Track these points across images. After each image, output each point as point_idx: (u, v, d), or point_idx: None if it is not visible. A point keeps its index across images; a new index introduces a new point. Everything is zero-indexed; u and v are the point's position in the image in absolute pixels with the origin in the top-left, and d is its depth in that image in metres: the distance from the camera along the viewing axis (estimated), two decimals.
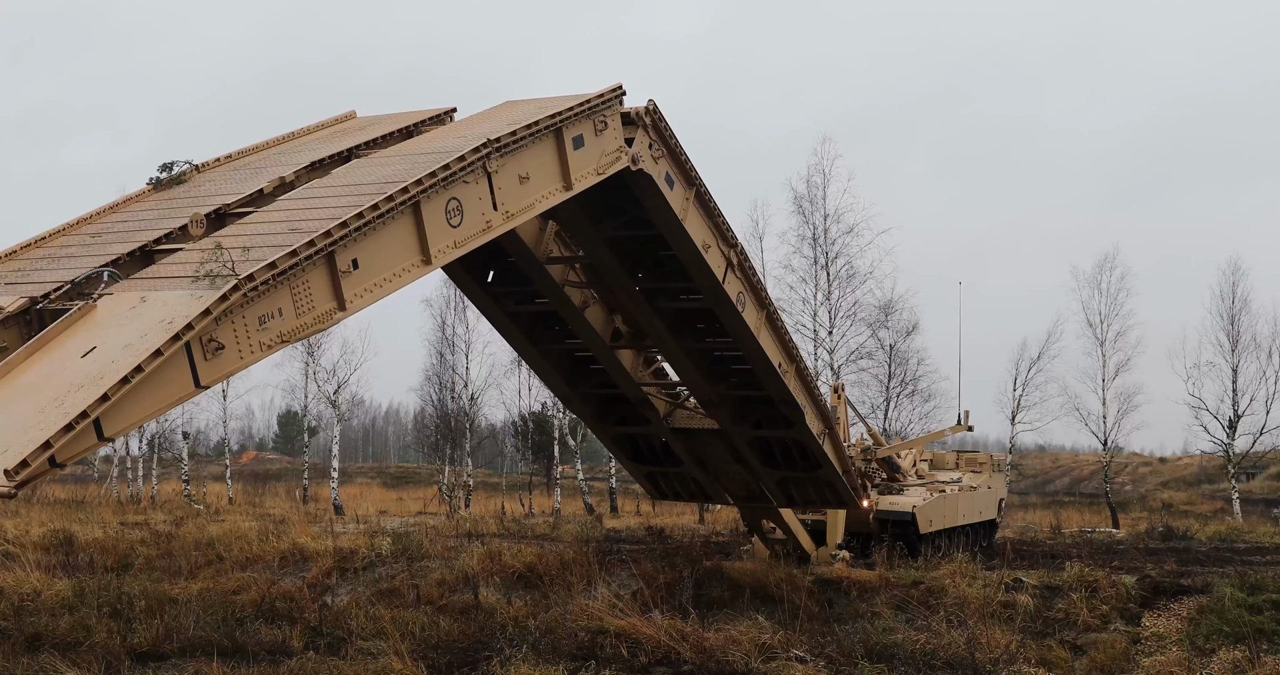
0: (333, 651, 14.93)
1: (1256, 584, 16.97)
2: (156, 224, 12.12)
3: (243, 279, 9.66)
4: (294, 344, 10.83)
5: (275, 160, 14.21)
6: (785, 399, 18.37)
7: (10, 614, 17.19)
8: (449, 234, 11.89)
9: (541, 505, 45.12)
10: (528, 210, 13.09)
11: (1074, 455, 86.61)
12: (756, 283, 17.22)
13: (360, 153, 14.23)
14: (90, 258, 11.32)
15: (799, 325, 39.14)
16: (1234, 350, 39.79)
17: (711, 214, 16.01)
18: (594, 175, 13.93)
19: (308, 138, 15.45)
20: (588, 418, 21.37)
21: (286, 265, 10.08)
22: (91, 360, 9.09)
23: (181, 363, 9.29)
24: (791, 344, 18.41)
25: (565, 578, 19.04)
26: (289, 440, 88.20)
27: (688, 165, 15.34)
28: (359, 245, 10.87)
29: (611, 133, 14.14)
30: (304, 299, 10.41)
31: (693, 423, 19.93)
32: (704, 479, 21.20)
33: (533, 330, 18.86)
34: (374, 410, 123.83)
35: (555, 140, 13.37)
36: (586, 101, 13.81)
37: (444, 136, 14.21)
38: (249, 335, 9.91)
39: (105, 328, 9.64)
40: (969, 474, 26.10)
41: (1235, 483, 40.91)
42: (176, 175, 13.76)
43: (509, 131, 12.58)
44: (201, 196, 12.94)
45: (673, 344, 18.04)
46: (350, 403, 52.19)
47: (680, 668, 14.09)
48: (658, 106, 14.69)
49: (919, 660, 14.17)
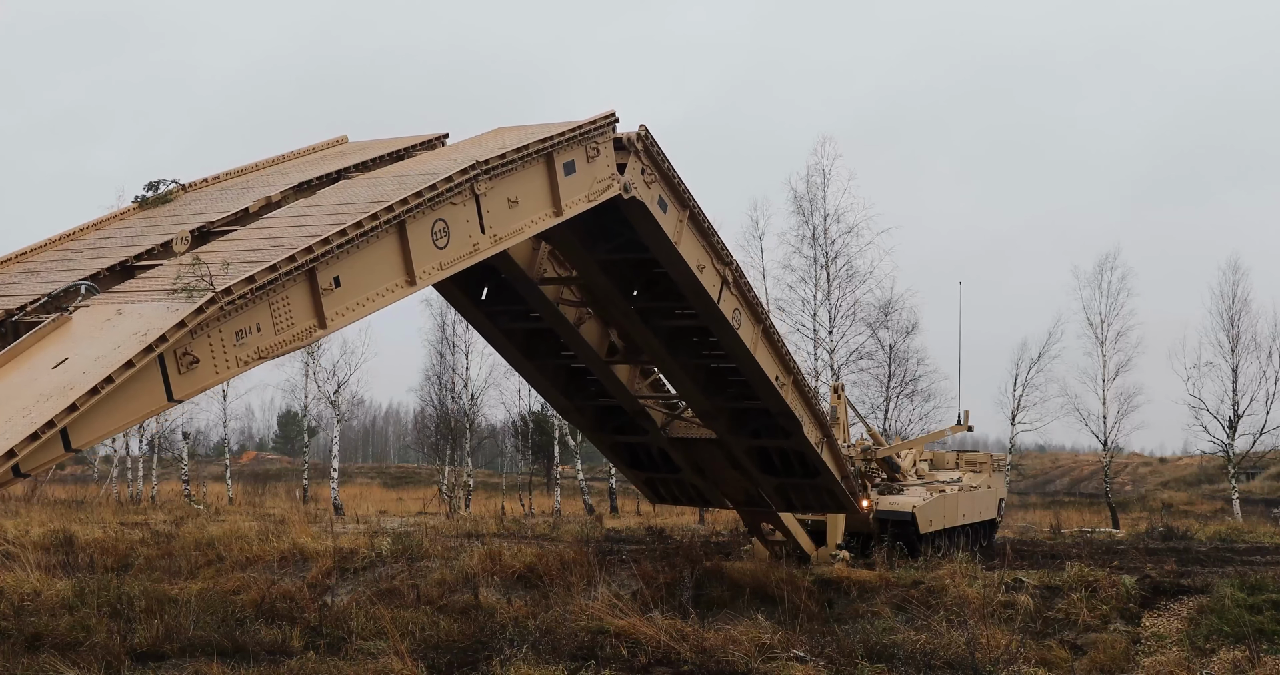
0: (333, 651, 14.92)
1: (1256, 584, 16.97)
2: (139, 240, 12.01)
3: (219, 292, 9.54)
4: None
5: (263, 181, 14.09)
6: (783, 411, 18.35)
7: (10, 614, 17.18)
8: (435, 255, 11.76)
9: (541, 505, 45.12)
10: (516, 234, 12.96)
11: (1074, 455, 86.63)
12: (752, 298, 17.17)
13: (349, 175, 14.13)
14: (70, 272, 11.20)
15: (799, 325, 39.21)
16: (1234, 350, 39.81)
17: (706, 234, 15.94)
18: (585, 202, 13.82)
19: (297, 160, 15.34)
20: (585, 428, 21.40)
21: (265, 280, 9.96)
22: (63, 371, 8.98)
23: (154, 375, 9.17)
24: (788, 356, 18.34)
25: (565, 578, 19.04)
26: (289, 440, 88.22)
27: (681, 188, 15.27)
28: (341, 263, 10.74)
29: (604, 160, 14.04)
30: (283, 315, 10.29)
31: (690, 433, 19.92)
32: (702, 485, 21.21)
33: (527, 345, 18.83)
34: (374, 410, 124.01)
35: (546, 165, 13.27)
36: (578, 127, 13.71)
37: (433, 159, 14.11)
38: (225, 350, 9.79)
39: (79, 339, 9.53)
40: (969, 474, 26.09)
41: (1235, 483, 40.90)
42: (162, 194, 13.63)
43: (498, 154, 12.48)
44: (186, 215, 12.82)
45: (669, 360, 18.03)
46: (350, 403, 52.34)
47: (680, 668, 14.09)
48: (649, 131, 14.64)
49: (919, 660, 14.16)
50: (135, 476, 47.94)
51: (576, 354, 18.56)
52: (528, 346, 18.83)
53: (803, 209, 39.57)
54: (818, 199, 39.46)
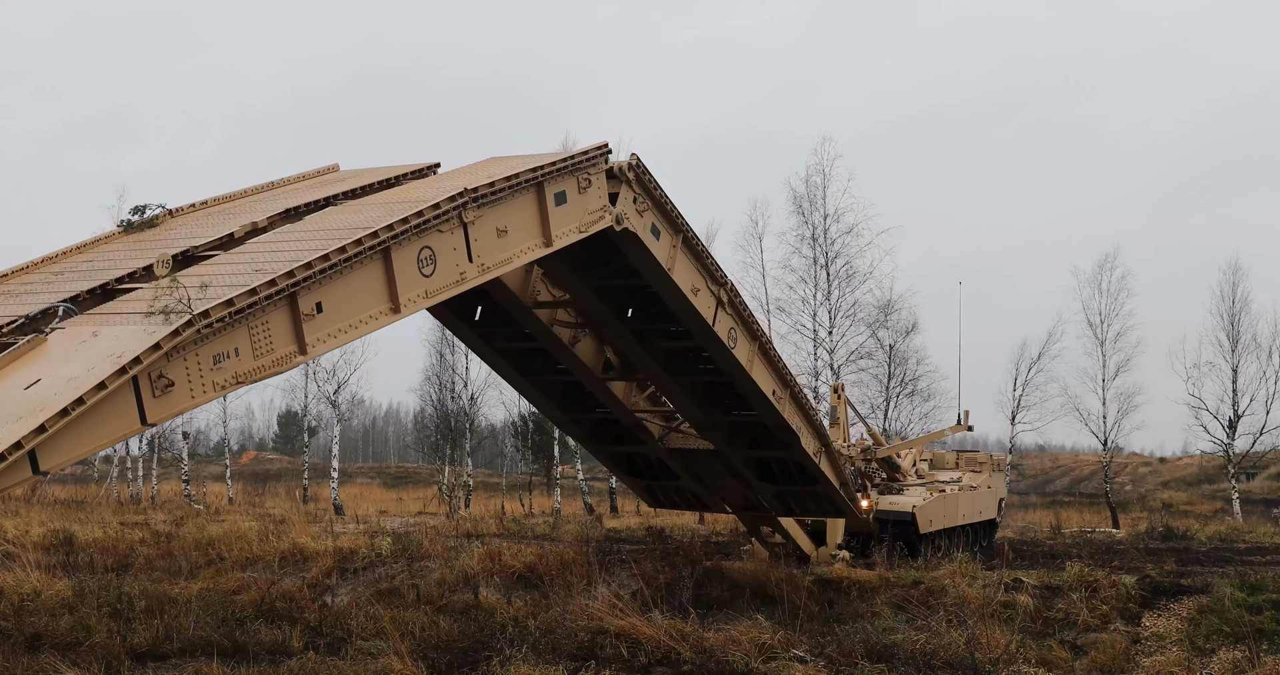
0: (333, 651, 14.91)
1: (1256, 584, 16.95)
2: (121, 264, 11.86)
3: (197, 315, 9.36)
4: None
5: (251, 207, 13.93)
6: (780, 425, 18.34)
7: (10, 614, 17.17)
8: (420, 283, 11.58)
9: (541, 505, 45.12)
10: (504, 264, 12.79)
11: (1074, 455, 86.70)
12: (747, 315, 17.13)
13: (337, 202, 13.98)
14: (49, 294, 11.05)
15: (799, 325, 39.27)
16: (1234, 350, 39.86)
17: (699, 257, 15.89)
18: (576, 233, 13.68)
19: (287, 187, 15.21)
20: (582, 439, 21.44)
21: (245, 304, 9.77)
22: (34, 392, 8.83)
23: (128, 398, 9.00)
24: (785, 369, 18.30)
25: (565, 578, 19.03)
26: (289, 440, 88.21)
27: (674, 213, 15.21)
28: (324, 288, 10.57)
29: (595, 191, 13.91)
30: (262, 340, 10.09)
31: (688, 444, 19.91)
32: (701, 491, 21.26)
33: (523, 363, 18.80)
34: (374, 410, 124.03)
35: (536, 195, 13.11)
36: (570, 158, 13.60)
37: (423, 187, 13.98)
38: (202, 374, 9.58)
39: (53, 360, 9.39)
40: (969, 474, 26.09)
41: (1235, 483, 40.93)
42: (148, 219, 13.48)
43: (487, 182, 12.31)
44: (171, 239, 12.67)
45: (665, 377, 18.03)
46: (350, 403, 52.31)
47: (680, 668, 14.07)
48: (640, 160, 14.59)
49: (919, 660, 14.14)
50: (135, 476, 47.98)
51: (573, 373, 18.56)
52: (523, 364, 18.81)
53: (802, 209, 39.66)
54: (817, 199, 39.55)
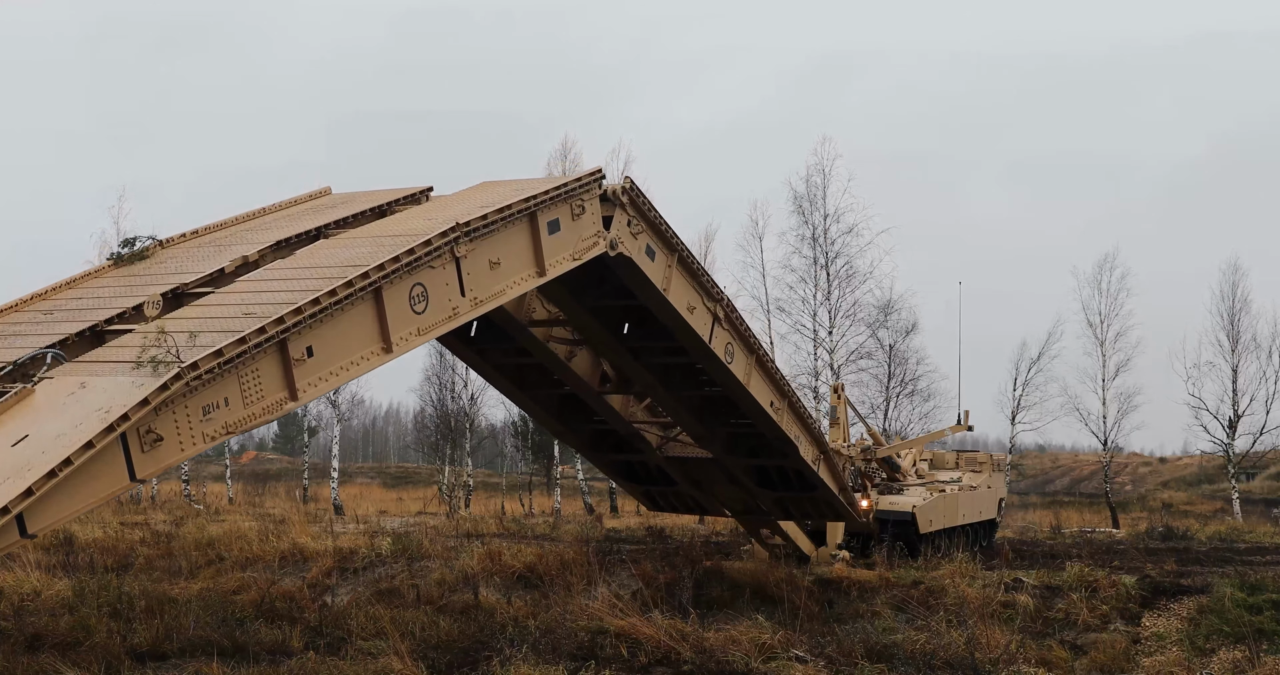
0: (333, 651, 14.89)
1: (1256, 584, 16.96)
2: (111, 302, 11.71)
3: (185, 367, 9.20)
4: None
5: (242, 237, 13.74)
6: (778, 436, 18.34)
7: (10, 614, 17.16)
8: (412, 321, 11.44)
9: (541, 505, 45.11)
10: (497, 297, 12.62)
11: (1074, 455, 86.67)
12: (744, 329, 17.10)
13: (329, 232, 13.75)
14: (38, 337, 10.88)
15: (799, 325, 39.26)
16: (1234, 350, 39.85)
17: (695, 275, 15.84)
18: (570, 261, 13.51)
19: (278, 214, 15.06)
20: (581, 449, 21.47)
21: (234, 353, 9.62)
22: (21, 449, 8.69)
23: (116, 455, 8.88)
24: (783, 380, 18.29)
25: (565, 578, 19.02)
26: (289, 440, 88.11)
27: (669, 234, 15.17)
28: (314, 332, 10.41)
29: (589, 217, 13.74)
30: (252, 388, 9.93)
31: (686, 452, 19.92)
32: (700, 496, 21.29)
33: (520, 377, 18.78)
34: (374, 410, 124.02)
35: (529, 224, 12.94)
36: (563, 185, 13.45)
37: (415, 218, 13.77)
38: (191, 426, 9.43)
39: (40, 414, 9.25)
40: (969, 474, 26.09)
41: (1235, 483, 40.93)
42: (139, 251, 13.33)
43: (479, 215, 12.13)
44: (161, 274, 12.50)
45: (662, 392, 18.04)
46: (350, 403, 52.29)
47: (680, 668, 14.06)
48: (634, 183, 14.56)
49: (919, 660, 14.14)
50: None
51: (569, 386, 18.56)
52: (520, 378, 18.79)
53: (802, 209, 39.64)
54: (817, 199, 39.54)
